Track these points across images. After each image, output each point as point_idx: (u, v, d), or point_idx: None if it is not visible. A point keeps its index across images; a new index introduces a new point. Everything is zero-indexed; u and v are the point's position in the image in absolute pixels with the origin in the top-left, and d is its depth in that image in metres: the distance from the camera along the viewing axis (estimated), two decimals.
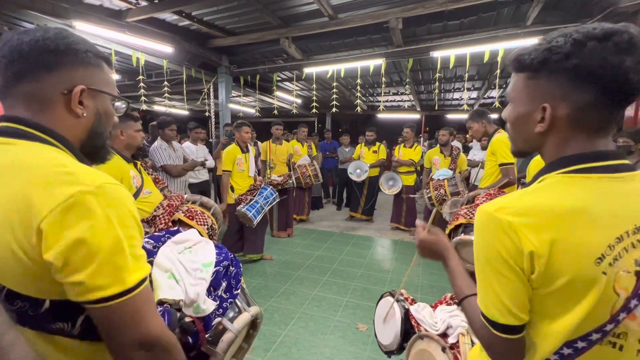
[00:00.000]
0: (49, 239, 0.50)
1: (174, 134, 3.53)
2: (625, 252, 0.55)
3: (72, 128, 0.63)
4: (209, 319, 0.85)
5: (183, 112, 10.19)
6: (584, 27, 0.55)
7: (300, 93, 8.52)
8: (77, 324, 0.57)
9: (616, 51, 0.52)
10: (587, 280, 0.54)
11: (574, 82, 0.55)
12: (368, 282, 3.28)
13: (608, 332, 0.57)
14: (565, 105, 0.57)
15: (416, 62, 5.52)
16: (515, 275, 0.56)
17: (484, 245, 0.60)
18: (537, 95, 0.60)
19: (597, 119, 0.57)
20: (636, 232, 0.56)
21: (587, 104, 0.55)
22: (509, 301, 0.57)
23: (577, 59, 0.54)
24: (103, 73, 0.66)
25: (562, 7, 3.77)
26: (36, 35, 0.58)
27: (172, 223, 1.59)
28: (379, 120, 11.48)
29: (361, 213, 5.64)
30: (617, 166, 0.57)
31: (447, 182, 3.75)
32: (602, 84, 0.53)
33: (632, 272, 0.55)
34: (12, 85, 0.59)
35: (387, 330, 1.26)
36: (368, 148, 5.55)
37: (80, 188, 0.52)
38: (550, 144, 0.61)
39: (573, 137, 0.59)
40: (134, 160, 1.81)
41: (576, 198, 0.56)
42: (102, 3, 3.70)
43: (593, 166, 0.57)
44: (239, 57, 5.71)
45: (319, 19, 4.14)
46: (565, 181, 0.58)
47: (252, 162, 3.66)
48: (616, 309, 0.55)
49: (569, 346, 0.58)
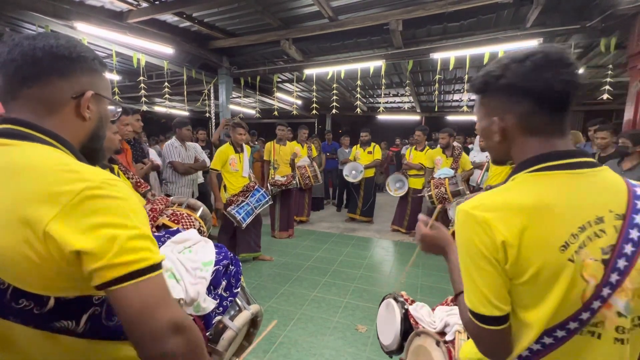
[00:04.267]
0: (66, 236, 0.50)
1: (189, 134, 3.73)
2: (589, 241, 0.60)
3: (75, 130, 0.65)
4: (209, 318, 0.86)
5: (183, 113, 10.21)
6: (511, 53, 0.67)
7: (301, 94, 8.53)
8: (81, 322, 0.58)
9: (534, 68, 0.62)
10: (555, 267, 0.59)
11: (509, 96, 0.66)
12: (368, 284, 3.28)
13: (585, 321, 0.61)
14: (511, 115, 0.67)
15: (416, 63, 5.53)
16: (492, 267, 0.62)
17: (464, 241, 0.65)
18: (489, 110, 0.71)
19: (542, 123, 0.66)
20: (598, 222, 0.61)
21: (526, 112, 0.65)
22: (488, 292, 0.62)
23: (505, 78, 0.65)
24: (104, 79, 0.70)
25: (562, 10, 3.78)
26: (49, 41, 0.60)
27: (156, 229, 1.44)
28: (379, 122, 11.49)
29: (359, 214, 5.64)
30: (578, 163, 0.64)
31: (447, 180, 3.76)
32: (531, 94, 0.64)
33: (599, 260, 0.60)
34: (19, 88, 0.60)
35: (387, 331, 1.27)
36: (363, 149, 5.56)
37: (87, 184, 0.53)
38: (514, 150, 0.70)
39: (529, 141, 0.67)
40: (110, 165, 1.69)
41: (539, 193, 0.62)
42: (104, 4, 3.72)
43: (554, 164, 0.64)
44: (240, 59, 5.72)
45: (319, 20, 4.15)
46: (530, 179, 0.65)
47: (246, 163, 3.66)
48: (587, 296, 0.60)
49: (549, 335, 0.62)
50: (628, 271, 0.60)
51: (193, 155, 3.74)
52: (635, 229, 0.61)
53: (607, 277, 0.60)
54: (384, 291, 3.08)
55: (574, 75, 0.62)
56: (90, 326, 0.58)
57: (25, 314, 0.54)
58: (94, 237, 0.51)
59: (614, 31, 3.68)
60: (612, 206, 0.62)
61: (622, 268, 0.60)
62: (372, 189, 5.57)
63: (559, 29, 3.81)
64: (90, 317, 0.58)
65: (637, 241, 0.60)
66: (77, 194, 0.51)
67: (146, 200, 1.67)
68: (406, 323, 1.21)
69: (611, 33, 3.72)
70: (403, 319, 1.23)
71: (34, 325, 0.55)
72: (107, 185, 0.54)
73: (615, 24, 3.50)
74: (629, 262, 0.60)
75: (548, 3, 3.45)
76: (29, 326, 0.55)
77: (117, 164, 1.80)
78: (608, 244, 0.61)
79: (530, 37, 3.84)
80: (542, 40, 3.83)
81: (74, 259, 0.51)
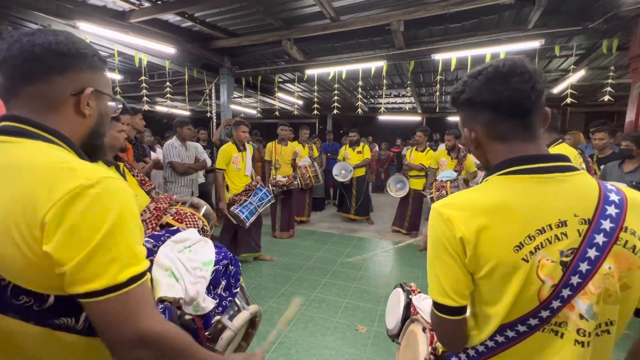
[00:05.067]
0: (49, 231, 0.50)
1: (190, 133, 3.70)
2: (548, 243, 0.63)
3: (76, 127, 0.65)
4: (208, 317, 0.86)
5: (185, 112, 10.23)
6: (471, 70, 0.73)
7: (302, 94, 8.54)
8: (80, 319, 0.58)
9: (486, 81, 0.68)
10: (509, 265, 0.63)
11: (472, 108, 0.72)
12: (368, 284, 3.28)
13: (545, 319, 0.64)
14: (478, 125, 0.73)
15: (417, 64, 5.53)
16: (453, 260, 0.67)
17: (432, 235, 0.70)
18: (463, 122, 0.77)
19: (506, 130, 0.70)
20: (560, 225, 0.63)
21: (490, 120, 0.70)
22: (446, 284, 0.68)
23: (465, 93, 0.72)
24: (104, 76, 0.70)
25: (564, 11, 3.78)
26: (48, 38, 0.60)
27: (160, 227, 1.46)
28: (380, 122, 11.49)
29: (354, 213, 5.63)
30: (547, 168, 0.66)
31: (449, 183, 3.75)
32: (487, 105, 0.69)
33: (557, 261, 0.62)
34: (18, 85, 0.60)
35: (392, 316, 1.35)
36: (352, 149, 5.56)
37: (82, 182, 0.53)
38: (489, 156, 0.75)
39: (498, 147, 0.71)
40: (116, 163, 1.69)
41: (502, 195, 0.66)
42: (106, 4, 3.73)
43: (523, 168, 0.67)
44: (241, 59, 5.73)
45: (321, 21, 4.15)
46: (499, 181, 0.69)
47: (248, 161, 3.66)
48: (544, 295, 0.63)
49: (511, 329, 0.66)
50: (591, 275, 0.61)
51: (194, 155, 3.73)
52: (601, 234, 0.62)
53: (567, 279, 0.62)
54: (384, 292, 3.07)
55: (524, 83, 0.65)
56: (89, 323, 0.58)
57: (25, 311, 0.54)
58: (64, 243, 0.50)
59: (616, 33, 3.68)
60: (577, 210, 0.63)
61: (583, 271, 0.61)
62: (364, 187, 5.56)
63: (560, 30, 3.80)
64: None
65: (601, 246, 0.61)
66: (71, 191, 0.52)
67: (150, 199, 1.67)
68: (408, 311, 1.28)
69: (613, 35, 3.72)
70: (406, 307, 1.29)
71: (34, 321, 0.55)
72: (101, 185, 0.54)
73: (617, 25, 3.50)
74: (592, 266, 0.61)
75: (550, 4, 3.44)
76: (29, 322, 0.55)
77: (123, 161, 1.81)
78: (569, 247, 0.62)
79: (532, 38, 3.83)
80: (543, 41, 3.83)
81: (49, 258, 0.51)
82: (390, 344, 2.21)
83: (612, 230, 0.62)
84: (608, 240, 0.61)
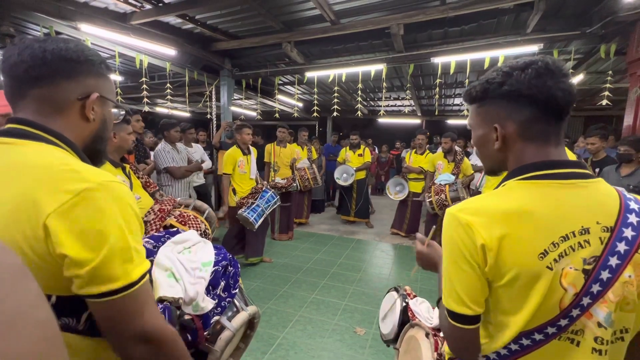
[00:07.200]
0: (60, 234, 0.52)
1: (178, 136, 3.56)
2: (571, 250, 0.61)
3: (80, 131, 0.67)
4: (207, 317, 0.86)
5: (185, 114, 10.24)
6: (510, 62, 0.68)
7: (302, 97, 8.56)
8: (81, 319, 0.59)
9: (537, 75, 0.63)
10: (533, 273, 0.61)
11: (511, 103, 0.67)
12: (367, 286, 3.28)
13: (563, 327, 0.62)
14: (511, 122, 0.67)
15: (417, 67, 5.55)
16: (471, 268, 0.64)
17: (448, 241, 0.67)
18: (488, 118, 0.71)
19: (541, 131, 0.66)
20: (583, 232, 0.61)
21: (527, 119, 0.66)
22: (462, 291, 0.65)
23: (507, 85, 0.66)
24: (110, 83, 0.72)
25: (562, 16, 3.81)
26: (59, 45, 0.62)
27: (163, 229, 1.48)
28: (380, 125, 11.52)
29: (354, 215, 5.64)
30: (570, 174, 0.64)
31: (448, 187, 3.76)
32: (533, 101, 0.64)
33: (579, 269, 0.61)
34: (27, 88, 0.62)
35: (387, 321, 1.34)
36: (353, 151, 5.57)
37: (87, 185, 0.54)
38: (509, 158, 0.71)
39: (525, 149, 0.68)
40: (122, 164, 1.72)
41: (524, 201, 0.63)
42: (107, 6, 3.75)
43: (544, 173, 0.65)
44: (242, 61, 5.75)
45: (321, 24, 4.17)
46: (519, 186, 0.66)
47: (253, 164, 3.67)
48: (565, 303, 0.61)
49: (527, 337, 0.64)
50: (611, 283, 0.60)
51: (186, 157, 3.63)
52: (623, 242, 0.61)
53: (588, 287, 0.60)
54: (383, 294, 3.07)
55: (571, 85, 0.64)
56: (90, 324, 0.59)
57: None
58: (81, 245, 0.53)
59: (614, 37, 3.70)
60: (600, 218, 0.62)
61: (604, 279, 0.60)
62: (364, 190, 5.57)
63: (559, 35, 3.83)
64: (89, 315, 0.59)
65: (623, 254, 0.60)
66: (76, 194, 0.53)
67: (154, 201, 1.68)
68: (405, 315, 1.26)
69: (611, 39, 3.74)
70: (402, 311, 1.28)
71: None
72: (105, 188, 0.56)
73: (615, 30, 3.52)
74: (613, 275, 0.60)
75: (548, 9, 3.47)
76: None
77: (129, 163, 1.83)
78: (591, 255, 0.61)
79: (531, 42, 3.86)
80: (542, 45, 3.85)
81: (61, 260, 0.53)
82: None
83: (634, 239, 0.61)
84: (630, 248, 0.60)
